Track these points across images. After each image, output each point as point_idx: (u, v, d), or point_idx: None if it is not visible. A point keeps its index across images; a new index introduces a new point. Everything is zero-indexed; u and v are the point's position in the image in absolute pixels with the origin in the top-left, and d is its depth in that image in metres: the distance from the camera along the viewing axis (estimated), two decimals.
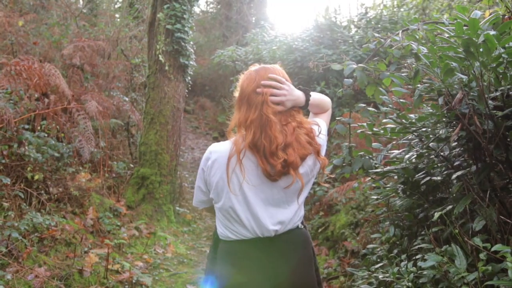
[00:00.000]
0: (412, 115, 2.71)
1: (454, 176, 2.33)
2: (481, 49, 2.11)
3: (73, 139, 5.71)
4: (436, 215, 2.27)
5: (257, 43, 10.77)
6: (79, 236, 5.01)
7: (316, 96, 2.32)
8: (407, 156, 2.74)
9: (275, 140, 2.03)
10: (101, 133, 6.96)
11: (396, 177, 3.12)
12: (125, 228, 5.84)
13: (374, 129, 3.01)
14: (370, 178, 3.46)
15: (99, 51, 8.75)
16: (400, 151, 2.86)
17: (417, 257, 2.78)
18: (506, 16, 2.37)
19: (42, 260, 4.37)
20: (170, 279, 5.06)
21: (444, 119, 2.46)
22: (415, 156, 2.69)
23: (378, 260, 3.30)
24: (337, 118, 3.02)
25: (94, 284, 4.40)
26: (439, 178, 2.56)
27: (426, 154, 2.66)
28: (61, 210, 5.32)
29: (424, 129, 2.58)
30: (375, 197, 3.49)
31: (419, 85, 2.59)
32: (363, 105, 2.99)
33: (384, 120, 3.09)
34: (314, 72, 8.59)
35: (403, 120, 2.61)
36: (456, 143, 2.56)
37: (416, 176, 2.72)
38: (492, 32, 2.08)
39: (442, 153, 2.58)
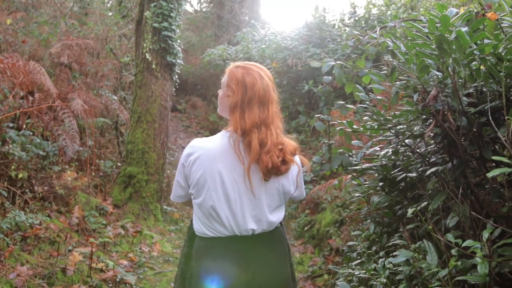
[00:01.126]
0: (392, 113, 2.72)
1: (428, 172, 2.34)
2: (453, 46, 2.12)
3: (58, 137, 5.68)
4: (410, 211, 2.28)
5: (247, 42, 10.77)
6: (63, 234, 4.98)
7: None
8: (382, 152, 2.75)
9: (276, 137, 2.12)
10: (89, 131, 6.94)
11: (376, 174, 3.14)
12: (111, 226, 5.82)
13: (354, 126, 3.01)
14: (350, 176, 3.47)
15: (88, 49, 8.72)
16: (377, 147, 2.86)
17: (394, 253, 2.80)
18: (479, 13, 2.37)
19: (25, 259, 4.34)
20: (154, 277, 5.04)
21: (420, 116, 2.46)
22: (391, 152, 2.70)
23: (358, 257, 3.31)
24: (316, 116, 3.02)
25: (77, 283, 4.38)
26: (414, 174, 2.56)
27: (402, 151, 2.67)
28: (46, 209, 5.30)
29: (400, 126, 2.59)
30: (357, 194, 3.50)
31: (396, 82, 2.60)
32: (342, 102, 2.99)
33: (365, 118, 3.11)
34: (303, 71, 8.60)
35: (380, 117, 2.61)
36: (432, 140, 2.57)
37: (392, 173, 2.72)
38: (464, 29, 2.09)
39: (418, 150, 2.59)
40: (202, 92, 18.58)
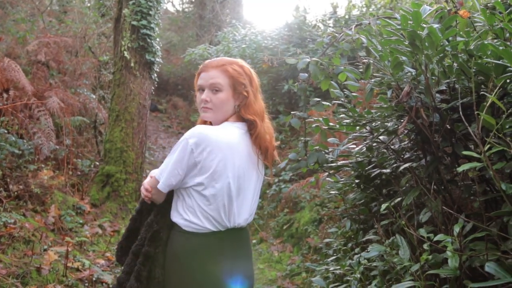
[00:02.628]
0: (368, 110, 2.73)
1: (401, 168, 2.35)
2: (426, 43, 2.13)
3: (34, 136, 5.60)
4: (383, 206, 2.29)
5: (228, 41, 10.75)
6: (38, 234, 4.91)
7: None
8: (356, 149, 2.76)
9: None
10: (66, 130, 6.86)
11: (352, 171, 3.15)
12: (88, 226, 5.76)
13: (330, 124, 3.02)
14: (326, 173, 3.48)
15: (66, 48, 8.63)
16: (351, 144, 2.87)
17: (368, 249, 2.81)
18: (451, 11, 2.40)
19: None
20: None
21: (394, 113, 2.48)
22: (365, 149, 2.71)
23: (334, 254, 3.32)
24: (292, 112, 3.02)
25: (52, 282, 4.32)
26: (388, 171, 2.58)
27: (377, 147, 2.68)
28: (21, 208, 5.21)
29: (374, 123, 2.60)
30: (333, 192, 3.52)
31: (371, 80, 2.62)
32: (318, 99, 2.99)
33: (341, 116, 3.12)
34: (283, 71, 8.62)
35: (355, 114, 2.62)
36: (406, 136, 2.59)
37: (367, 169, 2.73)
38: (436, 25, 2.10)
39: (392, 146, 2.60)
40: (183, 92, 18.52)
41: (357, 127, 2.96)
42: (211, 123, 2.31)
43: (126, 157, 6.63)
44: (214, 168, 2.00)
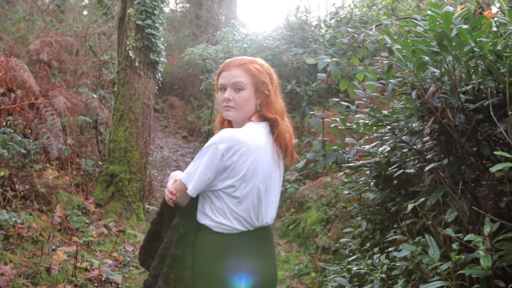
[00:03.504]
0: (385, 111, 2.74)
1: (426, 168, 2.36)
2: (454, 43, 2.15)
3: (41, 135, 5.58)
4: (410, 207, 2.30)
5: (228, 41, 10.74)
6: (46, 234, 4.89)
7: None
8: (380, 149, 2.77)
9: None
10: (69, 130, 6.83)
11: (368, 171, 3.16)
12: (94, 226, 5.74)
13: (347, 124, 3.03)
14: (342, 173, 3.49)
15: (66, 47, 8.58)
16: (373, 144, 2.88)
17: (389, 249, 2.82)
18: (476, 12, 2.42)
19: (8, 258, 4.25)
20: (140, 276, 4.99)
21: (417, 113, 2.49)
22: (388, 149, 2.72)
23: (350, 254, 3.33)
24: (310, 113, 3.03)
25: (62, 282, 4.30)
26: (412, 171, 2.59)
27: (399, 147, 2.69)
28: (28, 208, 5.19)
29: (397, 123, 2.61)
30: (346, 192, 3.53)
31: (392, 80, 2.63)
32: (337, 99, 3.00)
33: (357, 116, 3.13)
34: (285, 70, 8.62)
35: (377, 114, 2.63)
36: (428, 136, 2.60)
37: (389, 169, 2.74)
38: (464, 26, 2.12)
39: (414, 147, 2.62)
40: (179, 92, 18.50)
41: (374, 128, 2.98)
42: (230, 122, 2.32)
43: (131, 157, 6.61)
44: (245, 171, 2.02)
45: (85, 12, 11.23)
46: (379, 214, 3.16)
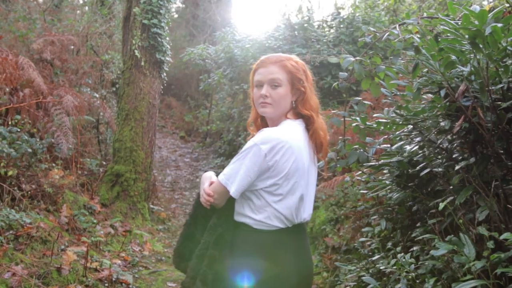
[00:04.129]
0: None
1: (457, 167, 2.36)
2: (487, 42, 2.15)
3: (51, 134, 5.53)
4: (441, 205, 2.31)
5: (228, 41, 10.71)
6: (54, 234, 4.85)
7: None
8: (408, 148, 2.77)
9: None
10: (72, 129, 6.78)
11: (385, 171, 3.16)
12: (100, 226, 5.71)
13: (367, 123, 3.03)
14: (360, 172, 3.49)
15: (68, 46, 8.53)
16: (400, 144, 2.88)
17: (413, 248, 2.82)
18: (506, 11, 2.42)
19: (19, 258, 4.22)
20: (150, 277, 4.97)
21: (445, 112, 2.49)
22: (416, 148, 2.72)
23: (370, 253, 3.33)
24: (332, 111, 3.03)
25: (73, 283, 4.28)
26: (440, 169, 2.59)
27: (427, 146, 2.69)
28: (35, 208, 5.15)
29: (424, 122, 2.61)
30: (364, 191, 3.53)
31: (417, 79, 2.62)
32: (359, 98, 3.00)
33: (375, 115, 3.13)
34: None
35: (404, 112, 2.63)
36: (454, 135, 2.60)
37: (417, 168, 2.74)
38: (499, 25, 2.12)
39: (441, 145, 2.62)
40: (176, 92, 18.48)
41: (394, 127, 2.98)
42: (263, 119, 2.32)
43: (136, 157, 6.58)
44: (287, 170, 2.04)
45: (85, 8, 11.17)
46: (399, 213, 3.16)
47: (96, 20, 9.90)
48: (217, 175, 2.17)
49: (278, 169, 2.03)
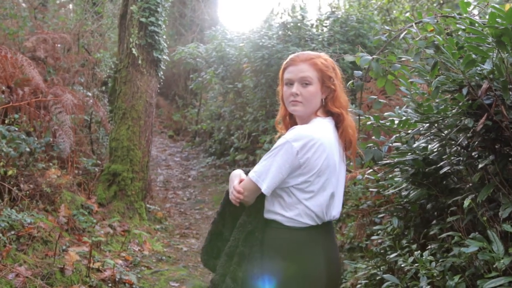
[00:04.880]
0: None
1: (480, 165, 2.38)
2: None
3: (50, 133, 5.46)
4: (466, 202, 2.32)
5: (220, 40, 10.68)
6: (55, 234, 4.79)
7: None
8: (429, 146, 2.79)
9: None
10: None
11: (397, 169, 3.17)
12: (99, 225, 5.65)
13: (380, 121, 3.05)
14: (370, 170, 3.50)
15: (60, 44, 8.43)
16: (420, 142, 2.89)
17: (430, 246, 2.83)
18: None
19: (22, 259, 4.16)
20: (152, 276, 4.93)
21: (467, 110, 2.51)
22: (437, 145, 2.74)
23: (382, 251, 3.34)
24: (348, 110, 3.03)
25: (77, 283, 4.23)
26: (461, 167, 2.61)
27: (448, 145, 2.71)
28: (34, 207, 5.08)
29: (443, 120, 2.63)
30: (374, 189, 3.54)
31: (436, 77, 2.64)
32: (374, 97, 3.01)
33: (386, 114, 3.14)
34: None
35: (422, 110, 2.64)
36: (476, 133, 2.62)
37: (433, 166, 2.75)
38: None
39: (461, 144, 2.64)
40: (164, 91, 18.34)
41: (406, 125, 2.99)
42: (292, 117, 2.32)
43: (133, 156, 6.52)
44: (319, 167, 2.04)
45: (70, 7, 11.03)
46: (411, 211, 3.17)
47: (86, 18, 9.80)
48: (246, 174, 2.17)
49: (309, 166, 2.03)
